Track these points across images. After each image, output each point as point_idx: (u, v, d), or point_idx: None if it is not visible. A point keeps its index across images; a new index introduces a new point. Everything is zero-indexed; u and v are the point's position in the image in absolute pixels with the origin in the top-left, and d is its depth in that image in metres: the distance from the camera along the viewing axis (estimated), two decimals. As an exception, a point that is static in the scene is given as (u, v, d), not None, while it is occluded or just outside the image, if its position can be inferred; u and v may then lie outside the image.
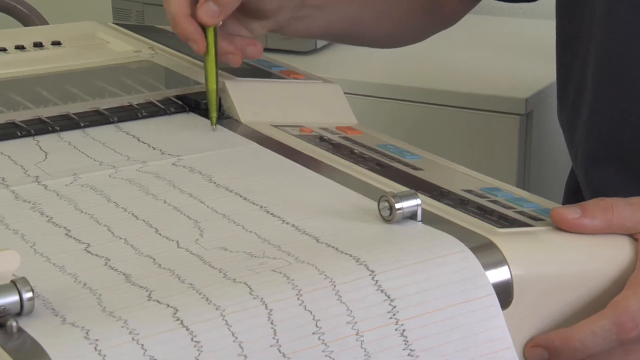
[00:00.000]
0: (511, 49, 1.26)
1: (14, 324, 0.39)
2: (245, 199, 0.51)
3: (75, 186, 0.53)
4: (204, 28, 0.63)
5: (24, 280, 0.40)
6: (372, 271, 0.45)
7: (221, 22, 0.63)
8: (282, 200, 0.52)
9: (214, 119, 0.64)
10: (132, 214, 0.50)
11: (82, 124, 0.63)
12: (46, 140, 0.60)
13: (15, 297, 0.40)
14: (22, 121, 0.63)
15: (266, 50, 1.13)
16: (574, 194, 0.78)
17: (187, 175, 0.54)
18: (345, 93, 0.70)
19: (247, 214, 0.50)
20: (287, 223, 0.49)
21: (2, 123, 0.62)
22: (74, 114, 0.64)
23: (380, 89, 1.11)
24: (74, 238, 0.47)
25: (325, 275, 0.44)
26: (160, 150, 0.58)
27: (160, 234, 0.48)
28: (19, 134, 0.61)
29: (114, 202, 0.51)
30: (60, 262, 0.45)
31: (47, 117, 0.63)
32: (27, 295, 0.40)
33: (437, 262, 0.46)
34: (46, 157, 0.57)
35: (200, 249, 0.46)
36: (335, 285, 0.44)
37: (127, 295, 0.42)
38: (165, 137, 0.61)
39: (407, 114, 1.11)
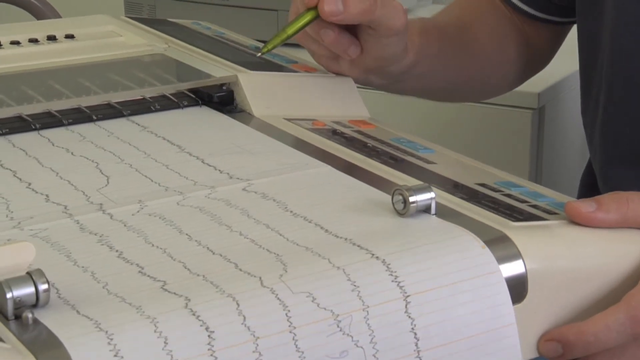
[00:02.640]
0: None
1: (30, 315, 0.40)
2: (326, 230, 0.47)
3: (143, 215, 0.48)
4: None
5: (40, 272, 0.40)
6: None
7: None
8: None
9: (265, 49, 0.65)
10: (208, 247, 0.45)
11: (94, 117, 0.63)
12: (93, 153, 0.57)
13: (31, 289, 0.40)
14: (32, 114, 0.63)
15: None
16: (589, 189, 0.78)
17: (261, 202, 0.50)
18: (356, 86, 0.70)
19: (333, 245, 0.45)
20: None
21: (13, 116, 0.62)
22: (86, 107, 0.64)
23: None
24: (149, 276, 0.43)
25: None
26: (228, 174, 0.53)
27: (240, 270, 0.43)
28: (33, 127, 0.62)
29: (187, 234, 0.46)
30: (137, 302, 0.41)
31: (59, 111, 0.63)
32: (43, 287, 0.40)
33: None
34: (108, 182, 0.53)
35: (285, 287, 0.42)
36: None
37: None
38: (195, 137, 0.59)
39: (419, 108, 1.11)
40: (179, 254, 0.44)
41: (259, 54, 0.66)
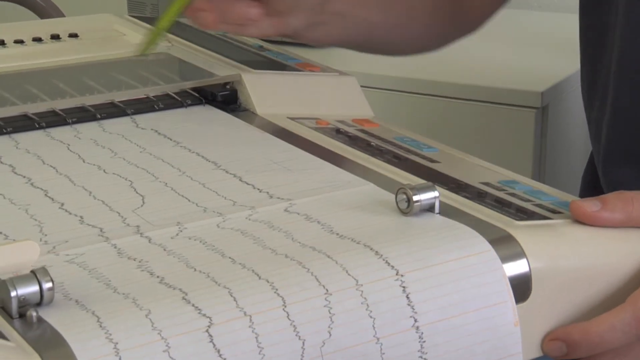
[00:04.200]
0: (527, 42, 1.25)
1: (34, 314, 0.40)
2: (378, 254, 0.44)
3: (182, 239, 0.46)
4: None
5: (44, 271, 0.40)
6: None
7: None
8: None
9: (143, 49, 0.62)
10: (253, 270, 0.43)
11: (98, 116, 0.63)
12: (126, 170, 0.54)
13: (35, 287, 0.40)
14: (37, 113, 0.63)
15: (280, 42, 1.13)
16: (590, 189, 0.78)
17: (305, 225, 0.47)
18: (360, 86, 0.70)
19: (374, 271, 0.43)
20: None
21: (17, 115, 0.62)
22: (90, 105, 0.64)
23: (395, 82, 1.11)
24: (193, 305, 0.41)
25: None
26: (268, 193, 0.51)
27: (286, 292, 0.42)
28: (37, 126, 0.62)
29: (230, 258, 0.44)
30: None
31: (63, 110, 0.63)
32: (47, 285, 0.40)
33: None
34: (143, 202, 0.50)
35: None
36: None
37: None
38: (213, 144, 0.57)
39: (422, 108, 1.10)
40: (224, 279, 0.42)
41: (138, 54, 0.62)
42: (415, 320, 0.44)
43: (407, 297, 0.44)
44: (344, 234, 0.46)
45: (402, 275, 0.44)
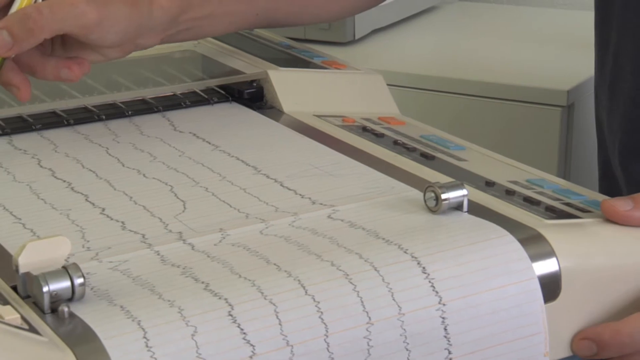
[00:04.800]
0: (553, 41, 1.25)
1: (66, 309, 0.40)
2: (420, 265, 0.44)
3: (226, 245, 0.45)
4: None
5: (76, 266, 0.41)
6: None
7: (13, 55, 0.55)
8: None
9: None
10: (298, 280, 0.42)
11: (128, 113, 0.64)
12: (165, 174, 0.53)
13: (67, 283, 0.40)
14: (67, 109, 0.63)
15: (304, 40, 1.13)
16: (608, 187, 0.77)
17: (349, 231, 0.46)
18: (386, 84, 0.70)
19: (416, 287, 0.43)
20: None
21: (48, 111, 0.63)
22: (120, 102, 0.65)
23: (420, 80, 1.11)
24: (238, 325, 0.40)
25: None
26: (310, 199, 0.50)
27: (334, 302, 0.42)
28: (65, 123, 0.62)
29: (275, 264, 0.43)
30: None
31: (94, 106, 0.64)
32: (79, 280, 0.40)
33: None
34: (185, 208, 0.49)
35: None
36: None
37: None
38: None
39: (447, 106, 1.10)
40: (270, 290, 0.42)
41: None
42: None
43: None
44: (390, 238, 0.45)
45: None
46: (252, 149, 0.58)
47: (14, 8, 0.57)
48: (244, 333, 0.40)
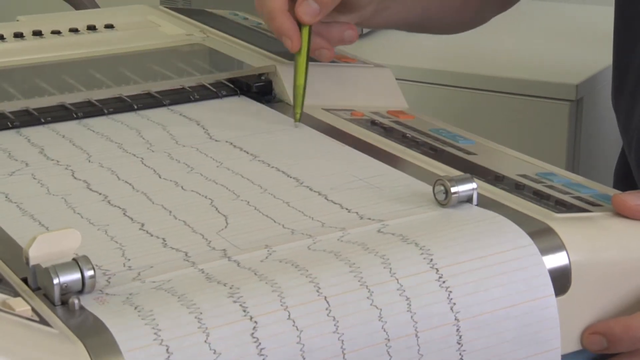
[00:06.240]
0: (562, 35, 1.24)
1: (76, 301, 0.40)
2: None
3: (273, 262, 0.43)
4: (299, 24, 0.62)
5: (86, 259, 0.41)
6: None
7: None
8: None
9: (298, 115, 0.61)
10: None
11: (135, 107, 0.64)
12: (204, 187, 0.51)
13: (77, 275, 0.40)
14: (73, 104, 0.63)
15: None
16: (623, 180, 0.77)
17: (401, 246, 0.45)
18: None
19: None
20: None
21: (54, 105, 0.63)
22: (127, 96, 0.65)
23: (429, 74, 1.10)
24: (296, 327, 0.40)
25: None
26: (357, 213, 0.48)
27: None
28: (75, 116, 0.62)
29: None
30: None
31: (99, 100, 0.64)
32: (89, 273, 0.40)
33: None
34: (227, 223, 0.47)
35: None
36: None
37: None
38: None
39: (456, 100, 1.10)
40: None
41: (296, 122, 0.61)
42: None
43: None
44: (440, 254, 0.44)
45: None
46: (291, 159, 0.55)
47: None
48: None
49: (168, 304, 0.40)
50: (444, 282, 0.44)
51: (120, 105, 0.64)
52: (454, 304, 0.44)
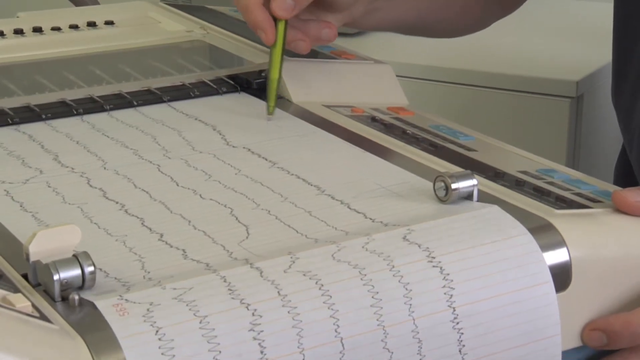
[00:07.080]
0: (562, 31, 1.24)
1: (76, 297, 0.40)
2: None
3: (295, 273, 0.42)
4: (275, 19, 0.62)
5: (86, 255, 0.41)
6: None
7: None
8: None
9: (271, 108, 0.62)
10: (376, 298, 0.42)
11: (135, 103, 0.64)
12: (223, 195, 0.50)
13: (77, 271, 0.40)
14: (74, 100, 0.63)
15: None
16: (624, 178, 0.77)
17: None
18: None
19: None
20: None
21: (55, 101, 0.63)
22: (127, 92, 0.65)
23: (429, 71, 1.10)
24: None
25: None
26: (382, 222, 0.47)
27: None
28: (75, 112, 0.62)
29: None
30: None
31: (100, 96, 0.64)
32: (89, 269, 0.40)
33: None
34: (248, 233, 0.46)
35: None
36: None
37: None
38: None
39: (456, 97, 1.10)
40: (343, 312, 0.41)
41: (269, 115, 0.62)
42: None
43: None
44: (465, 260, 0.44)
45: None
46: (311, 165, 0.54)
47: None
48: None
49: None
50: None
51: (120, 102, 0.64)
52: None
